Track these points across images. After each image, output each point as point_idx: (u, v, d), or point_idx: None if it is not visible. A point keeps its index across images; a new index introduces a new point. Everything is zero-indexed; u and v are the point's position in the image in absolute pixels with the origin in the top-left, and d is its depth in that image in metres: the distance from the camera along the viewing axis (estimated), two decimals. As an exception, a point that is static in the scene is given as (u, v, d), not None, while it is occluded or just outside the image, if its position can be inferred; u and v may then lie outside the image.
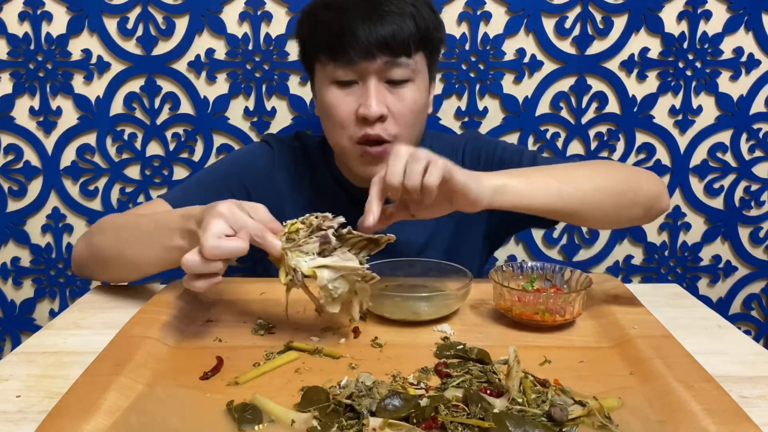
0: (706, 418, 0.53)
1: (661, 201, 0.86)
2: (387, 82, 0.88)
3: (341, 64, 0.87)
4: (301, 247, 0.66)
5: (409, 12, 0.86)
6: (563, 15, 1.28)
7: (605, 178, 0.82)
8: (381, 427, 0.50)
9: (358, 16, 0.85)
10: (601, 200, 0.81)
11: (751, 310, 1.45)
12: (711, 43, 1.29)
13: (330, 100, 0.90)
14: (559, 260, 1.41)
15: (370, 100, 0.86)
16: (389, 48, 0.85)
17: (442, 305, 0.77)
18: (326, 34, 0.87)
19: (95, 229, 0.91)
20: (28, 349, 0.73)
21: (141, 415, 0.55)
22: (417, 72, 0.90)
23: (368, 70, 0.87)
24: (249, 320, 0.77)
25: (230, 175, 1.01)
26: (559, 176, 0.79)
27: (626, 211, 0.84)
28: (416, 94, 0.90)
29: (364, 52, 0.85)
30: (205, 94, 1.29)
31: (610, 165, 0.87)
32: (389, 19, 0.85)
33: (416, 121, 0.92)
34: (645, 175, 0.87)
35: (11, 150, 1.32)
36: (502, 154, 1.00)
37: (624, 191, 0.82)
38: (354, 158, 0.92)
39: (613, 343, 0.71)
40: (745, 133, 1.35)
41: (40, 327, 0.90)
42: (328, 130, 0.94)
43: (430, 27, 0.90)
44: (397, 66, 0.87)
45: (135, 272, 0.86)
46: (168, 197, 0.95)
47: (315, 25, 0.90)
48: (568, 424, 0.53)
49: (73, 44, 1.27)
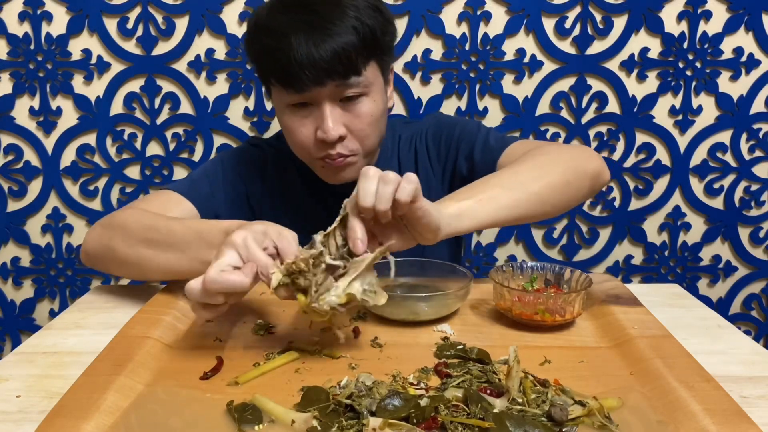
0: (706, 418, 0.53)
1: (602, 177, 0.88)
2: (341, 100, 0.87)
3: (292, 91, 0.86)
4: (321, 294, 0.64)
5: (351, 25, 0.84)
6: (563, 15, 1.28)
7: (551, 172, 0.82)
8: (381, 427, 0.50)
9: (302, 42, 0.82)
10: (551, 196, 0.81)
11: (751, 310, 1.45)
12: (711, 43, 1.29)
13: (288, 124, 0.90)
14: (559, 260, 1.41)
15: (327, 125, 0.86)
16: (337, 72, 0.84)
17: (442, 305, 0.77)
18: (273, 62, 0.85)
19: (117, 223, 0.87)
20: (28, 349, 0.73)
21: (141, 415, 0.55)
22: (370, 84, 0.89)
23: (321, 94, 0.86)
24: (249, 320, 0.77)
25: (231, 169, 1.02)
26: (509, 184, 0.79)
27: (573, 196, 0.85)
28: (372, 106, 0.89)
29: (312, 80, 0.83)
30: (205, 94, 1.29)
31: (551, 154, 0.86)
32: (332, 41, 0.82)
33: (376, 130, 0.92)
34: (583, 154, 0.88)
35: (11, 150, 1.32)
36: (460, 133, 1.01)
37: (570, 180, 0.83)
38: (317, 168, 0.93)
39: (613, 343, 0.71)
40: (745, 133, 1.35)
41: (40, 327, 0.90)
42: (292, 147, 0.94)
43: (377, 33, 0.87)
44: (348, 87, 0.86)
45: (161, 276, 0.85)
46: (176, 188, 0.96)
47: (261, 51, 0.88)
48: (568, 424, 0.53)
49: (73, 44, 1.27)
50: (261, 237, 0.66)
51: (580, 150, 0.90)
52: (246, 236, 0.65)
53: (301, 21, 0.84)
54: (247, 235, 0.65)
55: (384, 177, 0.63)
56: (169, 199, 0.93)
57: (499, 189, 0.77)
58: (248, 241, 0.65)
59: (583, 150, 0.90)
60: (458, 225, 0.72)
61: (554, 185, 0.81)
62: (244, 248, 0.64)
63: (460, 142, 1.00)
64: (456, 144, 1.01)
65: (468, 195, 0.75)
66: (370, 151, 0.93)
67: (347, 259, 0.65)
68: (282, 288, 0.64)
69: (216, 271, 0.62)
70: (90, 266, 0.92)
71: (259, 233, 0.66)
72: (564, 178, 0.83)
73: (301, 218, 0.98)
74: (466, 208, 0.73)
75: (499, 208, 0.76)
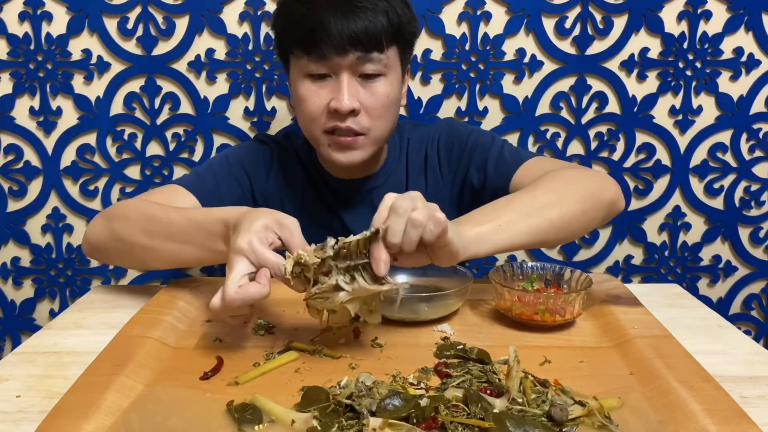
0: (706, 418, 0.53)
1: (618, 205, 0.87)
2: (359, 76, 0.90)
3: (314, 59, 0.88)
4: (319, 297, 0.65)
5: (382, 8, 0.87)
6: (563, 15, 1.28)
7: (569, 200, 0.81)
8: (381, 427, 0.50)
9: (331, 12, 0.85)
10: (568, 224, 0.81)
11: (751, 310, 1.45)
12: (711, 43, 1.29)
13: (303, 93, 0.91)
14: (559, 260, 1.41)
15: (343, 95, 0.88)
16: (361, 43, 0.86)
17: (442, 305, 0.77)
18: (300, 28, 0.88)
19: (119, 214, 0.87)
20: (28, 349, 0.73)
21: (141, 415, 0.55)
22: (389, 66, 0.91)
23: (341, 65, 0.88)
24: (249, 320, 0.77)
25: (237, 164, 1.03)
26: (527, 210, 0.78)
27: (589, 224, 0.84)
28: (388, 88, 0.92)
29: (336, 47, 0.86)
30: (205, 94, 1.29)
31: (569, 181, 0.86)
32: (362, 14, 0.86)
33: (388, 115, 0.93)
34: (601, 181, 0.87)
35: (11, 150, 1.32)
36: (474, 143, 1.01)
37: (587, 210, 0.83)
38: (323, 145, 0.94)
39: (613, 343, 0.71)
40: (745, 133, 1.35)
41: (40, 327, 0.90)
42: (301, 121, 0.96)
43: (403, 21, 0.90)
44: (369, 61, 0.88)
45: (165, 265, 0.86)
46: (182, 182, 0.97)
47: (289, 19, 0.90)
48: (568, 424, 0.53)
49: (73, 44, 1.27)
50: (264, 234, 0.67)
51: (597, 177, 0.89)
52: (250, 240, 0.66)
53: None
54: (251, 238, 0.66)
55: (413, 221, 0.63)
56: (174, 192, 0.94)
57: (518, 214, 0.77)
58: (254, 245, 0.66)
59: (600, 177, 0.89)
60: (477, 250, 0.72)
61: (571, 213, 0.81)
62: (252, 253, 0.65)
63: (473, 152, 1.00)
64: (469, 153, 1.01)
65: (487, 219, 0.75)
66: (378, 138, 0.94)
67: (354, 273, 0.65)
68: (298, 281, 0.65)
69: (233, 287, 0.64)
70: (91, 257, 0.92)
71: (261, 231, 0.67)
72: (581, 207, 0.82)
73: (305, 216, 0.98)
74: (485, 233, 0.73)
75: (517, 234, 0.75)
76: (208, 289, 0.86)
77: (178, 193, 0.94)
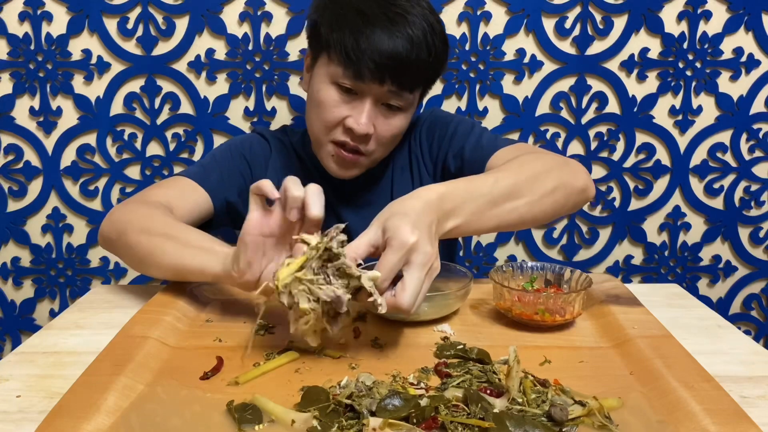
0: (706, 418, 0.53)
1: (588, 192, 0.86)
2: (382, 104, 0.92)
3: (350, 74, 0.88)
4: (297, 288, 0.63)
5: (431, 53, 0.89)
6: (563, 15, 1.28)
7: (539, 184, 0.80)
8: (381, 427, 0.50)
9: (385, 37, 0.86)
10: (538, 209, 0.80)
11: (751, 310, 1.45)
12: (711, 43, 1.29)
13: (324, 98, 0.92)
14: (559, 260, 1.41)
15: (362, 118, 0.90)
16: (399, 81, 0.89)
17: (442, 305, 0.77)
18: (350, 41, 0.87)
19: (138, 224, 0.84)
20: (28, 349, 0.73)
21: (141, 415, 0.55)
22: (411, 104, 0.94)
23: (371, 91, 0.90)
24: (249, 320, 0.77)
25: (239, 156, 1.04)
26: (500, 195, 0.76)
27: (557, 209, 0.83)
28: (404, 121, 0.95)
29: (377, 76, 0.87)
30: (205, 94, 1.29)
31: (540, 163, 0.84)
32: (413, 54, 0.87)
33: (393, 143, 0.98)
34: (571, 169, 0.86)
35: (11, 150, 1.32)
36: (454, 130, 1.02)
37: (558, 199, 0.81)
38: (326, 154, 0.96)
39: (613, 343, 0.71)
40: (745, 133, 1.35)
41: (40, 327, 0.90)
42: (311, 120, 0.96)
43: (439, 72, 0.96)
44: (398, 96, 0.91)
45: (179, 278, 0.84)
46: (188, 174, 0.98)
47: (339, 23, 0.89)
48: (568, 424, 0.53)
49: (73, 44, 1.27)
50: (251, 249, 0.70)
51: (568, 164, 0.87)
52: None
53: (387, 18, 0.87)
54: None
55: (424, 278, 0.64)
56: (186, 187, 0.96)
57: (492, 205, 0.75)
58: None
59: (572, 163, 0.88)
60: (450, 234, 0.72)
61: (541, 196, 0.79)
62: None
63: (452, 139, 1.01)
64: (448, 141, 1.02)
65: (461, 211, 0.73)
66: (377, 159, 0.98)
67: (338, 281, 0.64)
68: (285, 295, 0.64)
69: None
70: (104, 249, 0.93)
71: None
72: (551, 191, 0.81)
73: None
74: (459, 225, 0.72)
75: (488, 221, 0.75)
76: (208, 289, 0.86)
77: (189, 188, 0.96)
